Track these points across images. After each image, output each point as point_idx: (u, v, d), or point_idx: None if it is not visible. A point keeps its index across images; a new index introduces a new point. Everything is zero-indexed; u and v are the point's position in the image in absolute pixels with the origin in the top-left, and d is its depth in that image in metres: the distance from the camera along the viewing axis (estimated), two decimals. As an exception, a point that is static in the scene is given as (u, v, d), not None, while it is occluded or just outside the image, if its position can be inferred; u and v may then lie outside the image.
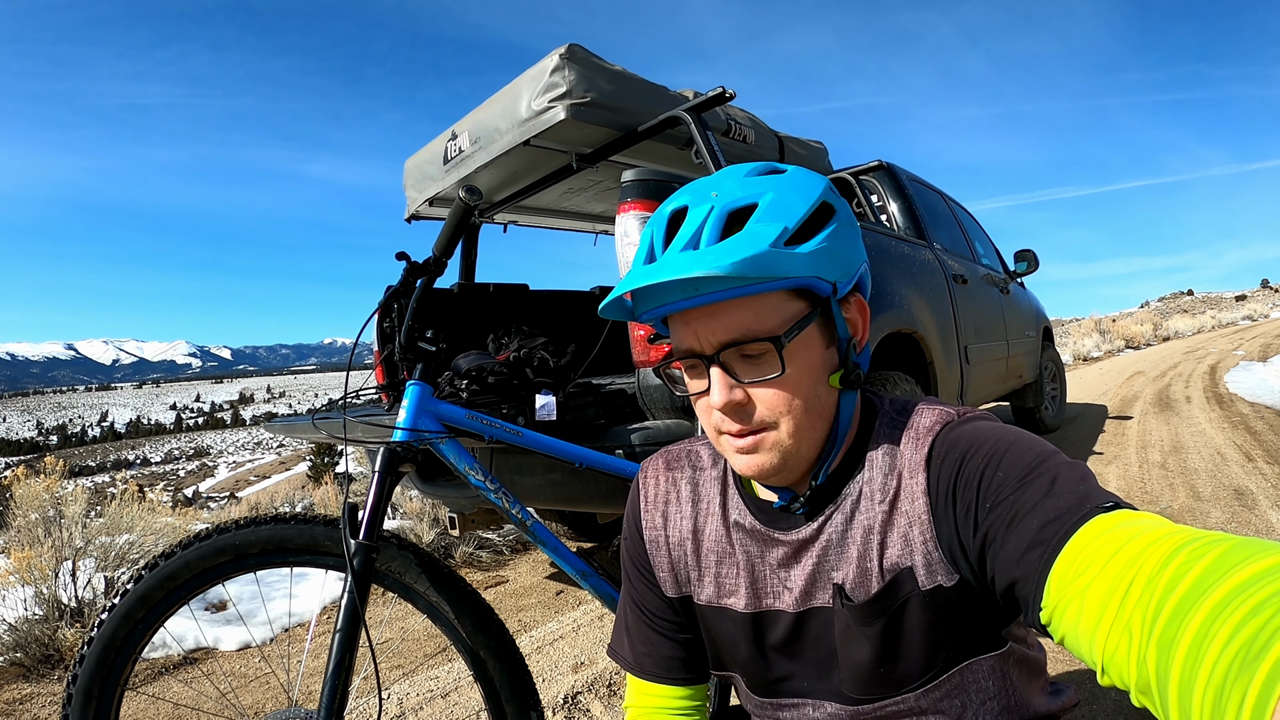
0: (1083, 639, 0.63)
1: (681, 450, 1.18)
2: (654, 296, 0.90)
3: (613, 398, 2.43)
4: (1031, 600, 0.71)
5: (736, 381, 0.89)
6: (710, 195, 0.89)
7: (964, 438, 0.90)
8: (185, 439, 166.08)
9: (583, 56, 2.62)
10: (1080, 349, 19.17)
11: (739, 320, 0.87)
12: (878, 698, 0.97)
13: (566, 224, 4.54)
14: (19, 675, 3.02)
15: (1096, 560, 0.64)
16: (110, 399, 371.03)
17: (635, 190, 2.31)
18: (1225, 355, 14.53)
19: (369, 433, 1.79)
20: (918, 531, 0.91)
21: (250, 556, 1.51)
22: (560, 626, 3.26)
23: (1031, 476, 0.79)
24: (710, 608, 1.08)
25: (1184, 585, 0.54)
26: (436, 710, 2.53)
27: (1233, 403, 7.83)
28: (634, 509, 1.18)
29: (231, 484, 47.95)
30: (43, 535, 3.67)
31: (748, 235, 0.84)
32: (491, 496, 1.77)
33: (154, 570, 1.45)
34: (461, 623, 1.57)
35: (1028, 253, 5.94)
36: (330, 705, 1.37)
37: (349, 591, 1.41)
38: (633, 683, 1.19)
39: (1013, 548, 0.75)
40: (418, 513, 4.78)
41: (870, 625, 0.93)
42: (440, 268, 1.69)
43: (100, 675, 1.41)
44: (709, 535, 1.08)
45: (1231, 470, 4.79)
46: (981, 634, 0.95)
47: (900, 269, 3.42)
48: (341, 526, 1.47)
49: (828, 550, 0.96)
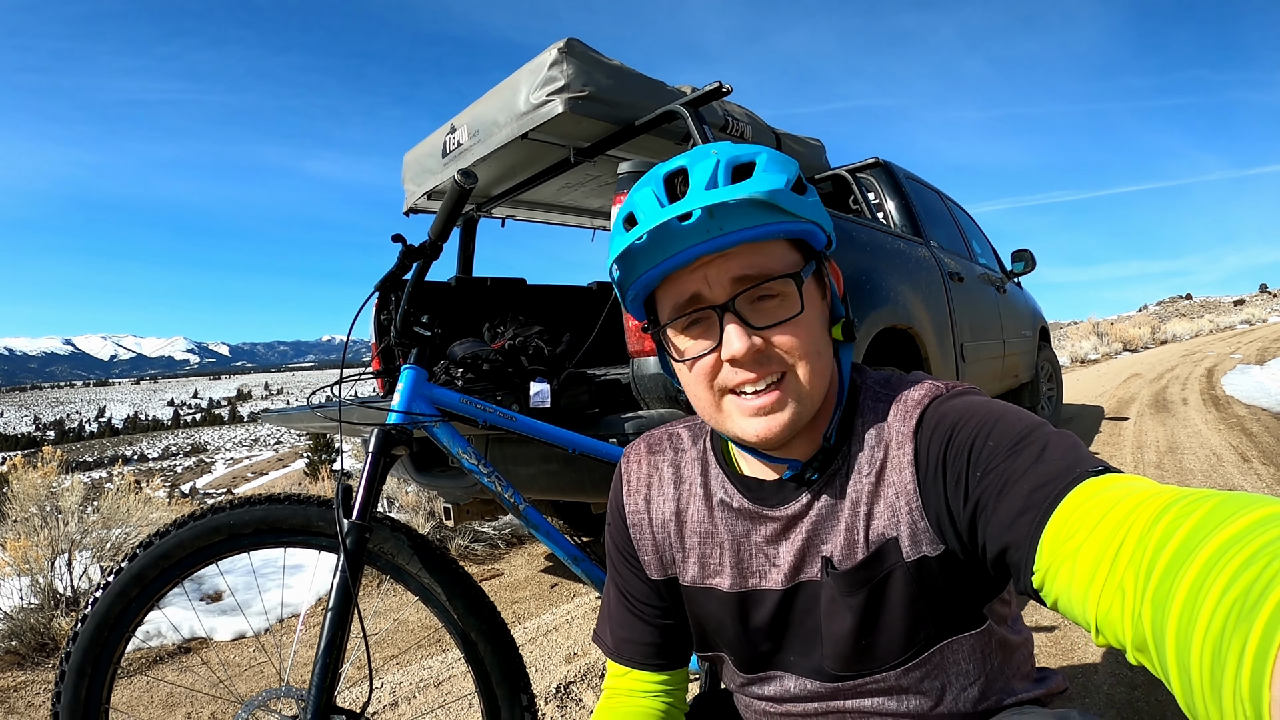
0: (1075, 600, 0.63)
1: (663, 433, 1.18)
2: (668, 245, 0.88)
3: (607, 387, 2.44)
4: (1023, 565, 0.71)
5: (753, 328, 0.89)
6: (710, 153, 0.89)
7: (954, 410, 0.90)
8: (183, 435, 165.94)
9: (581, 51, 2.62)
10: (1078, 351, 19.19)
11: (752, 262, 0.88)
12: (857, 674, 0.97)
13: (565, 219, 4.54)
14: (14, 663, 3.03)
15: (1087, 522, 0.65)
16: (108, 394, 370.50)
17: (632, 182, 2.32)
18: (1222, 359, 14.54)
19: (364, 417, 1.80)
20: (904, 502, 0.91)
21: (244, 536, 1.52)
22: (554, 618, 3.27)
23: (1022, 445, 0.79)
24: (695, 588, 1.08)
25: (1175, 541, 0.54)
26: (429, 698, 2.54)
27: (1229, 405, 7.84)
28: (617, 494, 1.18)
29: (229, 480, 47.89)
30: (39, 526, 3.67)
31: (763, 177, 0.86)
32: (485, 480, 1.77)
33: (148, 549, 1.46)
34: (453, 605, 1.58)
35: (1024, 252, 5.94)
36: (321, 683, 1.37)
37: (341, 571, 1.42)
38: (611, 667, 1.20)
39: (1004, 514, 0.76)
40: (413, 505, 4.79)
41: (853, 595, 0.94)
42: (436, 251, 1.70)
43: (94, 652, 1.42)
44: (692, 516, 1.08)
45: (1227, 471, 4.81)
46: (962, 610, 0.95)
47: (896, 265, 3.43)
48: (335, 507, 1.47)
49: (818, 525, 0.97)
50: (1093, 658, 2.38)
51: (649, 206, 0.89)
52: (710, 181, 0.86)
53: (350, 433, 2.02)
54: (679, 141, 3.03)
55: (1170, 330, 26.88)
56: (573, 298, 4.42)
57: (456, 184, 1.62)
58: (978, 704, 0.99)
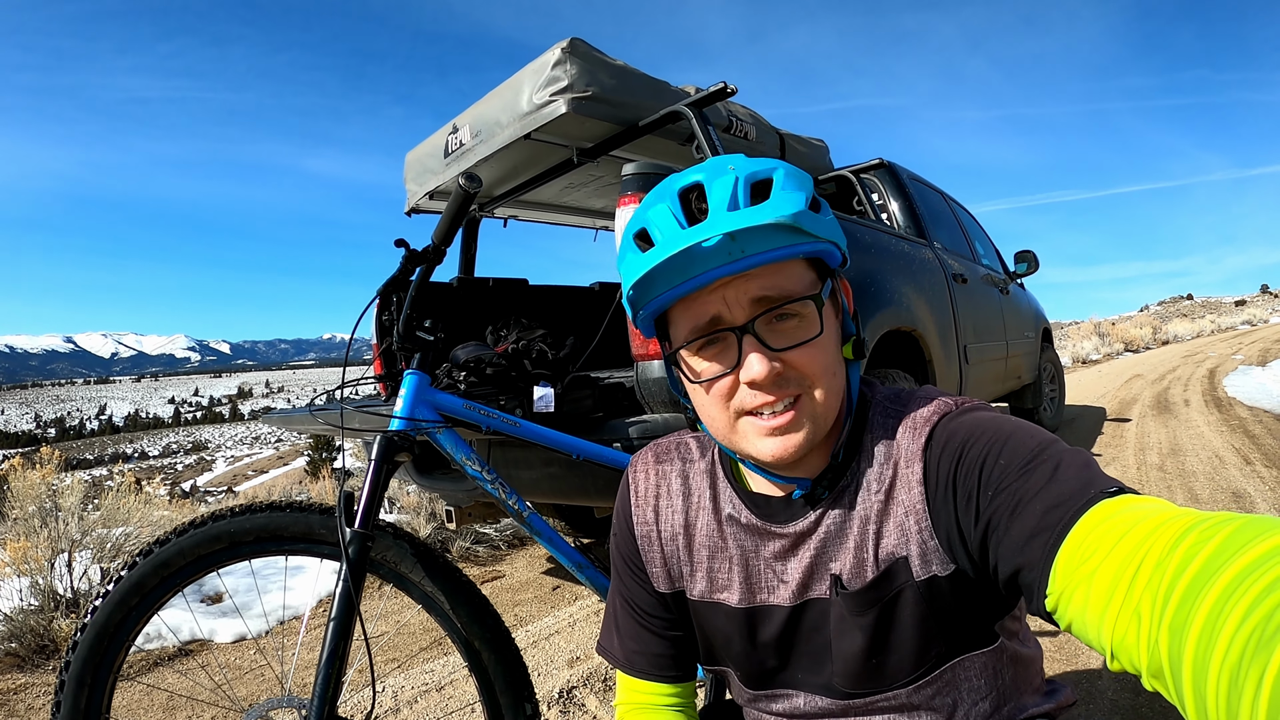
0: (1090, 624, 0.62)
1: (671, 443, 1.17)
2: (688, 267, 0.86)
3: (611, 391, 2.43)
4: (1036, 587, 0.70)
5: (772, 351, 0.88)
6: (727, 168, 0.87)
7: (964, 427, 0.89)
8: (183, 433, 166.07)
9: (584, 51, 2.61)
10: (1079, 352, 19.17)
11: (772, 282, 0.87)
12: (868, 692, 0.96)
13: (567, 219, 4.53)
14: (14, 665, 3.02)
15: (1103, 545, 0.63)
16: (109, 392, 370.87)
17: (636, 183, 2.31)
18: (1224, 359, 14.54)
19: (366, 422, 1.78)
20: (913, 521, 0.90)
21: (245, 544, 1.51)
22: (556, 622, 3.25)
23: (1034, 463, 0.78)
24: (703, 603, 1.07)
25: (1194, 567, 0.53)
26: (431, 703, 2.53)
27: (1231, 406, 7.83)
28: (624, 504, 1.17)
29: (229, 478, 47.93)
30: (39, 526, 3.66)
31: (782, 198, 0.84)
32: (488, 487, 1.76)
33: (149, 557, 1.45)
34: (456, 613, 1.57)
35: (1028, 253, 5.93)
36: (324, 693, 1.36)
37: (344, 579, 1.41)
38: (623, 680, 1.18)
39: (1016, 535, 0.74)
40: (414, 507, 4.78)
41: (863, 615, 0.93)
42: (439, 256, 1.68)
43: (93, 662, 1.40)
44: (700, 529, 1.07)
45: (1230, 473, 4.79)
46: (974, 628, 0.94)
47: (900, 267, 3.41)
48: (337, 515, 1.46)
49: (826, 542, 0.96)
50: (1097, 663, 2.36)
51: (668, 227, 0.87)
52: (731, 202, 0.84)
53: (352, 437, 2.01)
54: (682, 142, 3.02)
55: (1172, 331, 26.88)
56: (576, 299, 4.41)
57: (460, 188, 1.60)
58: (989, 719, 0.97)
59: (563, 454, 1.92)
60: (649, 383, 2.27)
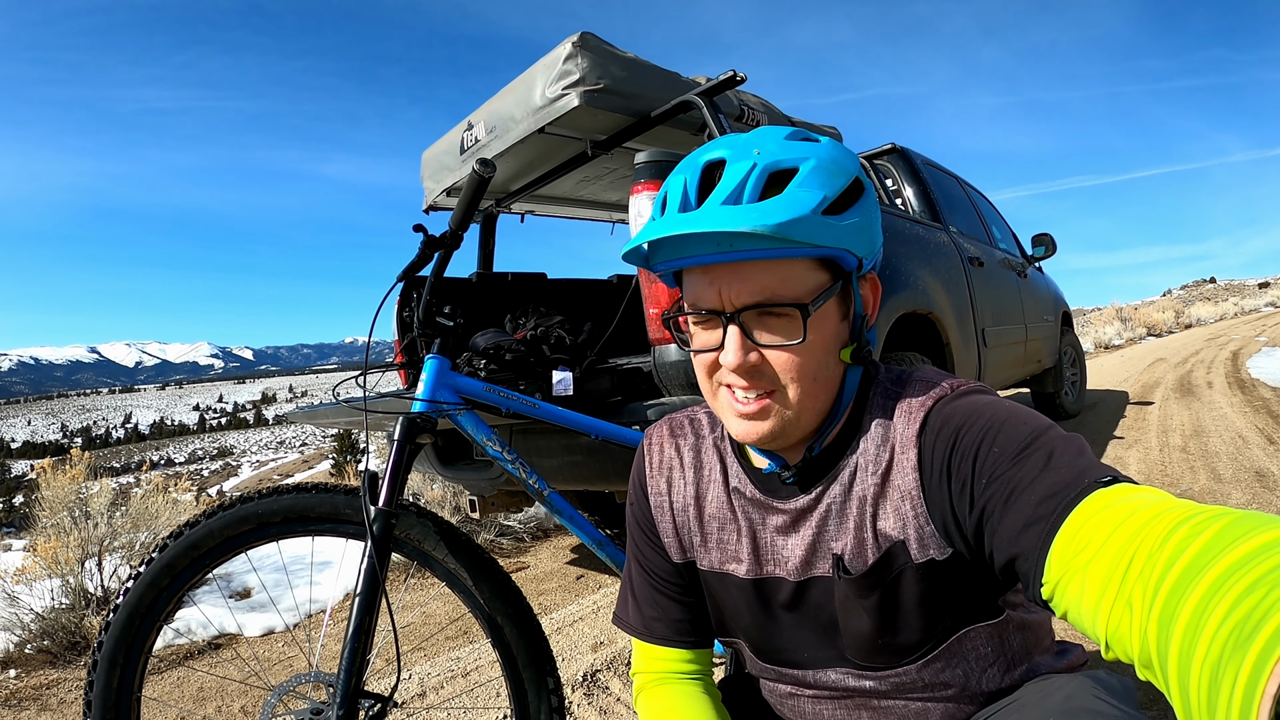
0: (1085, 615, 0.63)
1: (684, 417, 1.19)
2: (683, 247, 0.89)
3: (629, 375, 2.45)
4: (1032, 576, 0.71)
5: (752, 344, 0.89)
6: (752, 152, 0.87)
7: (958, 413, 0.89)
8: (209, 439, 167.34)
9: (595, 44, 2.63)
10: (1101, 337, 19.01)
11: (766, 283, 0.87)
12: (881, 667, 0.98)
13: (583, 213, 4.55)
14: (46, 662, 3.08)
15: (1097, 536, 0.64)
16: (134, 401, 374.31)
17: (649, 171, 2.33)
18: (1248, 341, 14.36)
19: (388, 407, 1.82)
20: (909, 506, 0.91)
21: (273, 525, 1.54)
22: (580, 609, 3.28)
23: (1028, 451, 0.79)
24: (713, 573, 1.09)
25: (1183, 561, 0.54)
26: (456, 688, 2.56)
27: (1255, 388, 7.74)
28: (639, 474, 1.19)
29: (255, 483, 48.27)
30: (69, 528, 3.73)
31: (790, 198, 0.84)
32: (509, 467, 1.79)
33: (179, 539, 1.48)
34: (479, 589, 1.59)
35: (1045, 237, 5.90)
36: (350, 667, 1.39)
37: (369, 557, 1.43)
38: (640, 648, 1.20)
39: (1011, 524, 0.75)
40: (438, 500, 4.82)
41: (867, 597, 0.94)
42: (456, 241, 1.71)
43: (125, 641, 1.44)
44: (711, 501, 1.09)
45: (1253, 453, 4.75)
46: (978, 604, 0.96)
47: (915, 251, 3.42)
48: (362, 493, 1.49)
49: (827, 520, 0.97)
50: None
51: (673, 204, 0.90)
52: (734, 194, 0.85)
53: (376, 426, 2.04)
54: (695, 132, 3.04)
55: (1195, 314, 26.57)
56: (593, 290, 4.44)
57: (475, 173, 1.63)
58: (1001, 682, 0.99)
59: (583, 440, 1.94)
60: (666, 366, 2.29)
